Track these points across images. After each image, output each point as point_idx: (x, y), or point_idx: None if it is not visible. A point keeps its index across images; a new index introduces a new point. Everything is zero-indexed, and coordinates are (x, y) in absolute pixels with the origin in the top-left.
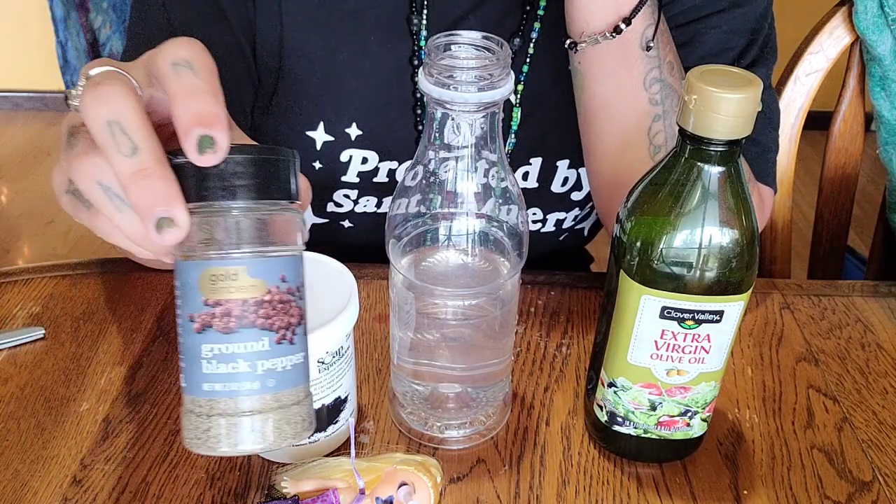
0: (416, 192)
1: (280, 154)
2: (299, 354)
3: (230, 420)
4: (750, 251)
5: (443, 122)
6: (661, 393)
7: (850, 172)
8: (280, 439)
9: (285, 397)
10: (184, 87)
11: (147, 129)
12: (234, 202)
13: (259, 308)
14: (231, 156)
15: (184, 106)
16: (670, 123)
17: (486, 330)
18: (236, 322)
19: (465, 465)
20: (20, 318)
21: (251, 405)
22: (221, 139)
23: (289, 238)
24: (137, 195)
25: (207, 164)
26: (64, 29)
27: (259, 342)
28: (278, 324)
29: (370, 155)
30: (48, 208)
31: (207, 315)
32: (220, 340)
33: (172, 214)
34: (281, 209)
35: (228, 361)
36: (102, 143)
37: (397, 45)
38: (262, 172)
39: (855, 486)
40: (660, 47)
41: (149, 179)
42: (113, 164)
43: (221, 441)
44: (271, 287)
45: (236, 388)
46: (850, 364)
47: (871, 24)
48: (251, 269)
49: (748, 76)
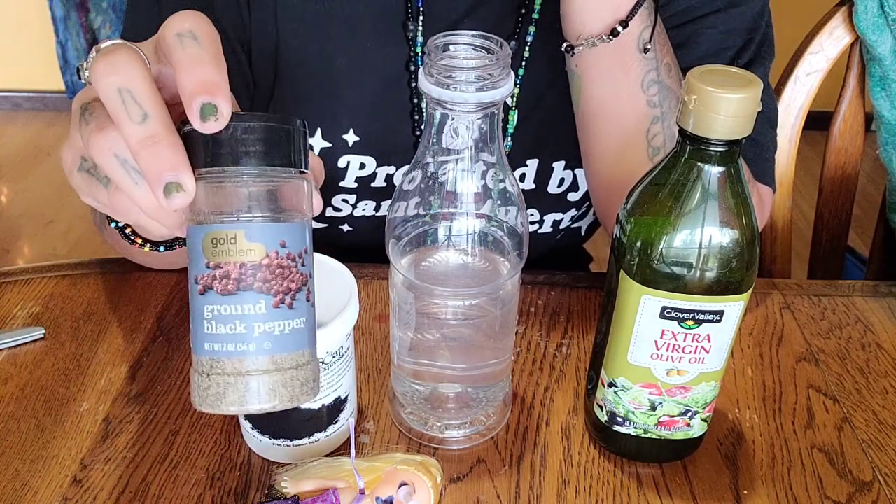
0: (417, 193)
1: (286, 122)
2: (300, 320)
3: (227, 380)
4: (750, 251)
5: (442, 122)
6: (662, 393)
7: (850, 172)
8: (275, 401)
9: (283, 360)
10: (188, 56)
11: (156, 97)
12: (238, 168)
13: (257, 272)
14: (237, 122)
15: (188, 75)
16: (668, 125)
17: (487, 330)
18: (234, 284)
19: (465, 465)
20: (20, 318)
21: (247, 366)
22: (223, 106)
23: (292, 205)
24: (147, 161)
25: (210, 130)
26: (64, 29)
27: (256, 305)
28: (276, 288)
29: (368, 160)
30: (48, 208)
31: (209, 277)
32: (219, 302)
33: (179, 179)
34: (284, 176)
35: (226, 322)
36: (114, 111)
37: (394, 51)
38: (266, 140)
39: (855, 486)
40: (657, 49)
41: (158, 146)
42: (123, 130)
43: (219, 399)
44: (270, 252)
45: (233, 349)
46: (850, 364)
47: (871, 24)
48: (249, 233)
49: (748, 76)
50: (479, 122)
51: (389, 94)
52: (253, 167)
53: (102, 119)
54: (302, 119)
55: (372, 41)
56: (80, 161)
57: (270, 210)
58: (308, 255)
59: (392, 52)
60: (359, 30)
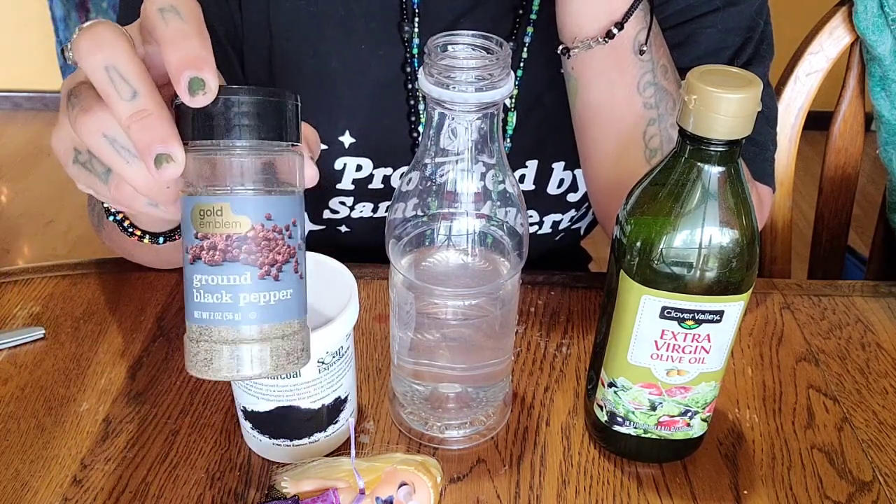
0: (417, 194)
1: (274, 95)
2: (286, 291)
3: (214, 347)
4: (750, 251)
5: (442, 123)
6: (662, 393)
7: (850, 172)
8: (261, 369)
9: (269, 330)
10: (172, 31)
11: (143, 72)
12: (224, 140)
13: (242, 243)
14: (225, 95)
15: (173, 50)
16: (665, 127)
17: (487, 330)
18: (220, 255)
19: (465, 465)
20: (20, 318)
21: (234, 335)
22: (211, 80)
23: (280, 178)
24: (138, 134)
25: (199, 104)
26: (64, 29)
27: (241, 276)
28: (262, 259)
29: (364, 162)
30: (48, 208)
31: (197, 248)
32: (206, 272)
33: (169, 150)
34: (273, 149)
35: (214, 292)
36: (103, 88)
37: (389, 53)
38: (253, 113)
39: (855, 486)
40: (653, 51)
41: (147, 120)
42: (113, 107)
43: (207, 365)
44: (255, 224)
45: (220, 318)
46: (850, 364)
47: (871, 24)
48: (235, 205)
49: (748, 76)
50: (479, 122)
51: (385, 95)
52: (239, 139)
53: (88, 100)
54: (295, 93)
55: (367, 42)
56: (73, 153)
57: (257, 182)
58: (296, 227)
59: (388, 54)
60: (353, 31)
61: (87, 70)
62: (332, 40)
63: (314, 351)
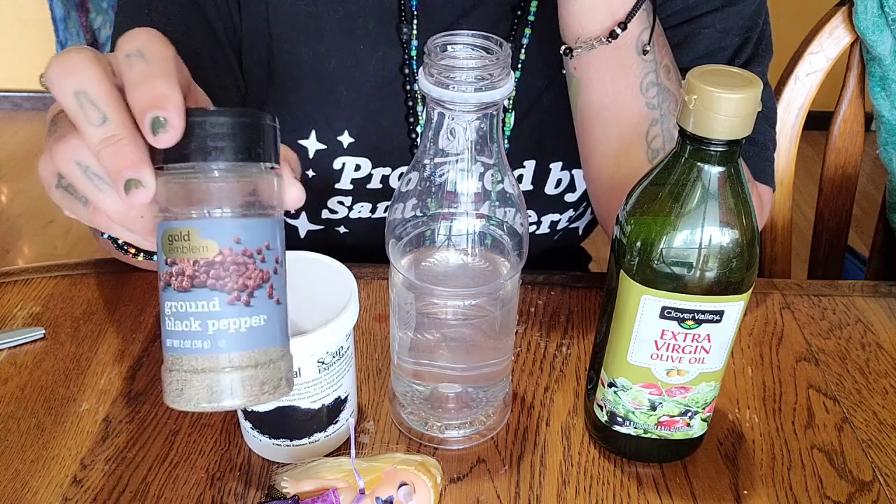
0: (417, 194)
1: (246, 116)
2: (258, 317)
3: (184, 376)
4: (750, 251)
5: (441, 122)
6: (662, 393)
7: (850, 172)
8: (232, 400)
9: (239, 359)
10: (135, 75)
11: (114, 97)
12: (189, 164)
13: (210, 269)
14: (193, 118)
15: (137, 93)
16: (667, 127)
17: (487, 330)
18: (189, 281)
19: (465, 465)
20: (20, 318)
21: (202, 364)
22: (173, 117)
23: (252, 200)
24: (108, 160)
25: (164, 144)
26: (64, 29)
27: (210, 302)
28: (231, 285)
29: (363, 162)
30: (48, 208)
31: (167, 274)
32: (176, 299)
33: (139, 175)
34: (242, 171)
35: (183, 319)
36: (73, 115)
37: (388, 54)
38: (221, 136)
39: (855, 486)
40: (655, 51)
41: (117, 145)
42: (84, 133)
43: (179, 396)
44: (223, 248)
45: (189, 346)
46: (850, 364)
47: (871, 24)
48: (202, 230)
49: (748, 76)
50: (479, 122)
51: (384, 96)
52: (206, 162)
53: (64, 128)
54: (272, 115)
55: (365, 43)
56: (56, 178)
57: (225, 206)
58: (270, 251)
59: (386, 55)
60: (352, 32)
61: (57, 97)
62: (331, 41)
63: (314, 351)
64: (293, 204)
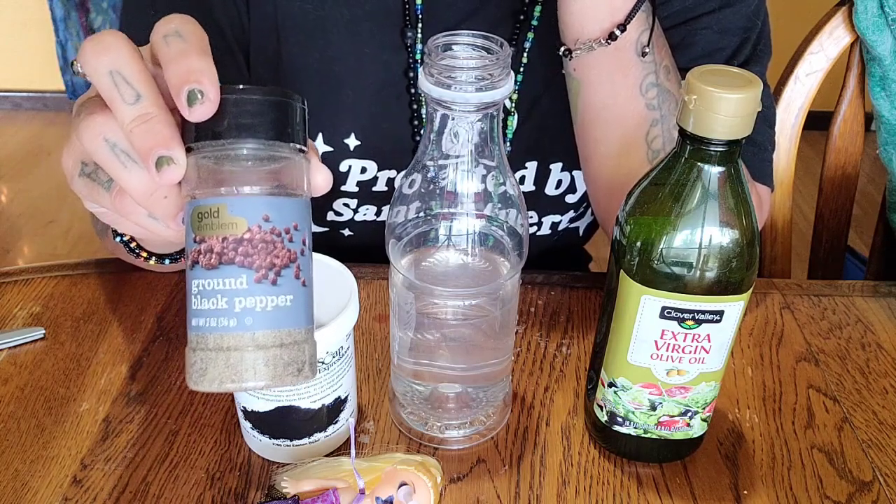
0: (417, 194)
1: (279, 96)
2: (286, 297)
3: (209, 355)
4: (750, 251)
5: (443, 123)
6: (662, 393)
7: (850, 172)
8: (255, 380)
9: (265, 338)
10: (172, 51)
11: (147, 76)
12: (222, 142)
13: (238, 245)
14: (226, 96)
15: (174, 68)
16: (668, 128)
17: (487, 330)
18: (217, 258)
19: (465, 465)
20: (20, 318)
21: (228, 342)
22: (209, 90)
23: (280, 180)
24: (140, 137)
25: (199, 116)
26: (64, 29)
27: (238, 279)
28: (259, 262)
29: (369, 164)
30: (48, 208)
31: (195, 252)
32: (203, 276)
33: (171, 153)
34: (270, 150)
35: (210, 297)
36: (106, 92)
37: (392, 57)
38: (253, 113)
39: (855, 486)
40: (655, 52)
41: (150, 123)
42: (117, 111)
43: (202, 375)
44: (252, 226)
45: (215, 325)
46: (850, 364)
47: (871, 24)
48: (232, 206)
49: (748, 76)
50: (479, 123)
51: (389, 99)
52: (238, 140)
53: (93, 108)
54: (302, 97)
55: (370, 47)
56: (80, 166)
57: (256, 184)
58: (298, 231)
59: (391, 58)
60: (358, 35)
61: (91, 75)
62: (338, 44)
63: None
64: (320, 188)
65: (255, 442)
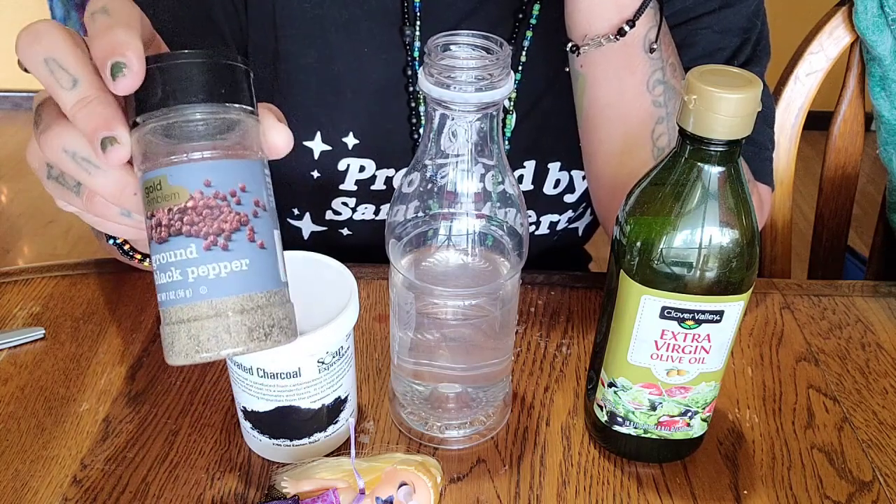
0: (417, 194)
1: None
2: (240, 262)
3: (173, 328)
4: (750, 251)
5: (442, 123)
6: (662, 393)
7: (850, 172)
8: (219, 348)
9: (223, 305)
10: (97, 27)
11: (82, 61)
12: (151, 112)
13: (183, 215)
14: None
15: (97, 43)
16: (673, 125)
17: (487, 330)
18: (165, 231)
19: (465, 465)
20: (20, 318)
21: (187, 313)
22: (133, 61)
23: (220, 144)
24: (83, 122)
25: (123, 90)
26: None
27: (187, 249)
28: (205, 230)
29: (367, 163)
30: (48, 208)
31: (149, 228)
32: (158, 251)
33: (113, 132)
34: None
35: (165, 271)
36: (45, 81)
37: (391, 56)
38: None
39: (855, 486)
40: (662, 49)
41: (90, 106)
42: (58, 98)
43: (171, 349)
44: (193, 193)
45: (174, 297)
46: (850, 364)
47: (871, 24)
48: (171, 176)
49: (748, 76)
50: (479, 123)
51: (388, 98)
52: (171, 108)
53: (48, 118)
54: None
55: (369, 46)
56: (46, 169)
57: (193, 150)
58: (247, 192)
59: (390, 57)
60: (356, 34)
61: (28, 65)
62: (336, 43)
63: (314, 351)
64: (279, 147)
65: (255, 442)
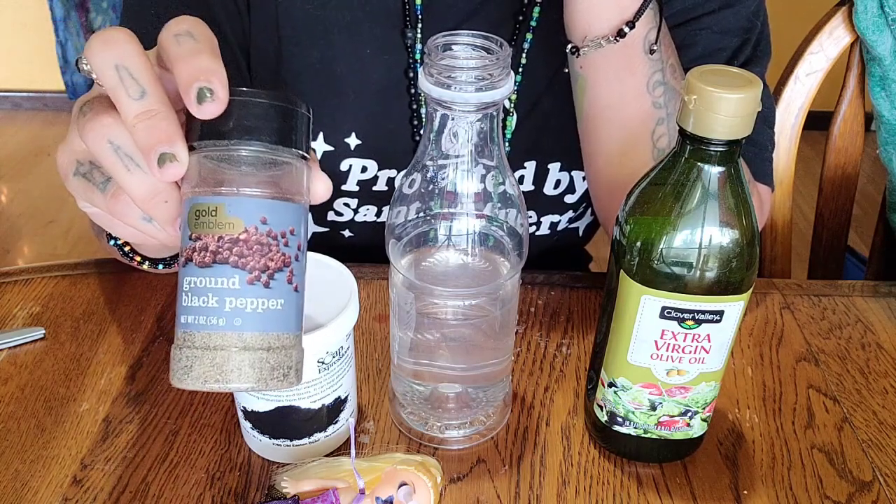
0: (417, 194)
1: (283, 101)
2: (276, 301)
3: (195, 353)
4: (750, 251)
5: (442, 123)
6: (662, 393)
7: (850, 172)
8: (239, 382)
9: (252, 339)
10: (184, 50)
11: (152, 73)
12: (225, 142)
13: (234, 246)
14: (233, 98)
15: (184, 66)
16: (673, 126)
17: (487, 330)
18: (211, 257)
19: (465, 465)
20: (20, 318)
21: (215, 341)
22: (219, 89)
23: (280, 184)
24: (143, 133)
25: (208, 114)
26: (64, 29)
27: (230, 279)
28: (252, 264)
29: (370, 164)
30: (48, 208)
31: (190, 249)
32: (196, 274)
33: (174, 150)
34: (271, 154)
35: (200, 295)
36: (112, 87)
37: (393, 58)
38: (257, 116)
39: (855, 486)
40: (662, 50)
41: (154, 119)
42: (121, 106)
43: (186, 373)
44: (249, 227)
45: (204, 322)
46: (850, 364)
47: (871, 24)
48: (230, 206)
49: (748, 76)
50: (479, 123)
51: (389, 99)
52: (241, 142)
53: (98, 108)
54: (307, 104)
55: (371, 47)
56: (76, 165)
57: (255, 186)
58: (294, 236)
59: (391, 59)
60: (358, 35)
61: (97, 69)
62: (338, 45)
63: (314, 351)
64: (319, 196)
65: (255, 442)
